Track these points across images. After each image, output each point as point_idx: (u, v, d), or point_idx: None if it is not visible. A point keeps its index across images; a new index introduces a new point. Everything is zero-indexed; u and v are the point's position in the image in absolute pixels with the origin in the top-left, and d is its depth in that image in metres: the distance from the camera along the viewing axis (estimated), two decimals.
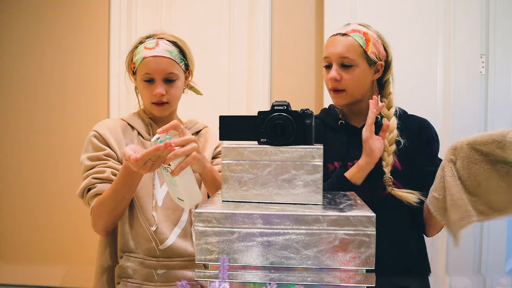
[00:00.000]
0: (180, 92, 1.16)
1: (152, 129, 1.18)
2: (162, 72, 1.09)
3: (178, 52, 1.13)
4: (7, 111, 2.21)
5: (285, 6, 2.03)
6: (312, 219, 0.65)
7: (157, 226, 1.07)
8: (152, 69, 1.08)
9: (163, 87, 1.10)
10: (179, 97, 1.18)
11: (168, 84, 1.11)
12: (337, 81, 1.06)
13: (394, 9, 1.87)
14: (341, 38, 1.06)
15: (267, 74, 2.03)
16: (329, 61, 1.08)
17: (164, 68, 1.09)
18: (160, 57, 1.09)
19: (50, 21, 2.15)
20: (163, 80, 1.10)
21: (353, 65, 1.05)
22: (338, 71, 1.05)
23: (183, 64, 1.14)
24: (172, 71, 1.10)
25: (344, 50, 1.04)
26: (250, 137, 0.77)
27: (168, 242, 1.08)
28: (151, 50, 1.09)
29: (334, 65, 1.06)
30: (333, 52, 1.06)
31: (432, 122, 1.83)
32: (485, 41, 1.91)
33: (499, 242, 1.92)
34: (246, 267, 0.66)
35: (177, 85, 1.13)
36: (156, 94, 1.09)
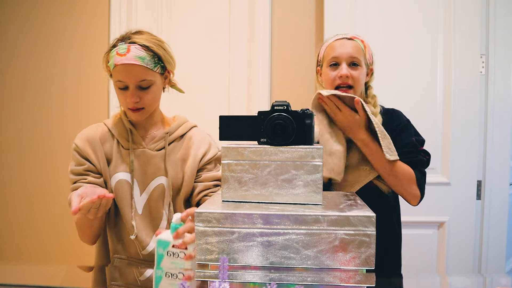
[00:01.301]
0: (156, 95, 1.13)
1: (132, 135, 1.15)
2: (134, 80, 1.06)
3: (151, 57, 1.07)
4: (7, 111, 2.21)
5: (285, 6, 2.03)
6: (312, 219, 0.65)
7: (136, 235, 1.11)
8: (124, 77, 1.06)
9: (137, 94, 1.07)
10: (156, 100, 1.15)
11: (142, 90, 1.08)
12: (347, 78, 1.16)
13: (394, 9, 1.87)
14: (348, 41, 1.19)
15: (267, 74, 2.03)
16: (338, 61, 1.18)
17: (136, 76, 1.05)
18: (131, 65, 1.04)
19: (50, 22, 2.15)
20: (137, 87, 1.07)
21: (359, 65, 1.18)
22: (348, 69, 1.17)
23: (158, 67, 1.10)
24: (144, 78, 1.06)
25: (353, 51, 1.18)
26: (250, 137, 0.77)
27: (148, 248, 1.12)
28: (122, 57, 1.04)
29: (344, 64, 1.17)
30: (344, 52, 1.18)
31: (432, 122, 1.85)
32: (485, 41, 1.91)
33: (499, 242, 1.93)
34: (246, 267, 0.66)
35: (152, 90, 1.10)
36: (130, 102, 1.07)
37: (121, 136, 1.15)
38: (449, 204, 1.86)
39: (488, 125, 1.92)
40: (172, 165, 1.15)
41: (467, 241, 1.86)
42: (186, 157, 1.17)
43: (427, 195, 1.85)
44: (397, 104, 1.85)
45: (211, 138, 1.23)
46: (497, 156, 1.92)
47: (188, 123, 1.23)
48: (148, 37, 1.10)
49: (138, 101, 1.07)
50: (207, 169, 1.18)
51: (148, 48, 1.07)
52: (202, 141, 1.20)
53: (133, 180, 1.13)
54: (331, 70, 1.19)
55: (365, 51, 1.21)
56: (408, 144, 1.18)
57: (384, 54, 1.88)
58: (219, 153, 1.20)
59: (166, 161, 1.14)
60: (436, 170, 1.87)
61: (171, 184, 1.13)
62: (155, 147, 1.15)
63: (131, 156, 1.12)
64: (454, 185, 1.85)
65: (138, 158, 1.13)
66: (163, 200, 1.14)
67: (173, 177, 1.14)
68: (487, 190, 1.91)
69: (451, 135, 1.84)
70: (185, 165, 1.16)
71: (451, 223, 1.86)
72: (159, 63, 1.09)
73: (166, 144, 1.15)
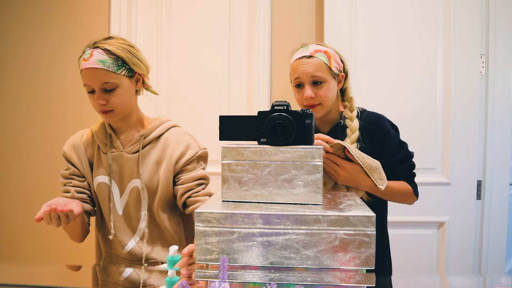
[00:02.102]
0: (125, 98, 1.14)
1: (111, 140, 1.20)
2: (97, 83, 1.09)
3: (114, 60, 1.10)
4: (7, 111, 2.21)
5: (285, 6, 2.03)
6: (312, 219, 0.65)
7: (114, 235, 1.18)
8: (88, 81, 1.10)
9: (103, 97, 1.11)
10: (127, 103, 1.16)
11: (108, 93, 1.11)
12: (312, 99, 1.16)
13: (394, 9, 1.87)
14: (308, 60, 1.16)
15: (267, 74, 2.03)
16: (300, 81, 1.17)
17: (98, 79, 1.09)
18: (92, 68, 1.08)
19: (50, 22, 2.16)
20: (101, 90, 1.10)
21: (323, 81, 1.16)
22: (312, 89, 1.16)
23: (123, 70, 1.12)
24: (107, 80, 1.09)
25: (314, 70, 1.15)
26: (250, 137, 0.77)
27: (127, 248, 1.19)
28: (85, 61, 1.09)
29: (306, 84, 1.16)
30: (304, 72, 1.16)
31: (432, 122, 1.85)
32: (485, 41, 1.91)
33: (499, 242, 1.93)
34: (246, 267, 0.66)
35: (119, 93, 1.12)
36: (97, 105, 1.12)
37: (101, 140, 1.20)
38: (449, 204, 1.86)
39: (488, 125, 1.92)
40: (147, 168, 1.18)
41: (467, 241, 1.86)
42: (161, 159, 1.19)
43: (427, 195, 1.86)
44: (397, 104, 1.86)
45: (190, 137, 1.24)
46: (497, 156, 1.92)
47: (167, 124, 1.24)
48: (114, 42, 1.13)
49: (105, 103, 1.11)
50: (187, 171, 1.20)
51: (110, 52, 1.10)
52: (179, 142, 1.21)
53: (111, 182, 1.18)
54: (297, 91, 1.20)
55: (330, 63, 1.17)
56: (404, 158, 1.21)
57: (384, 54, 1.88)
58: (200, 151, 1.22)
59: (139, 164, 1.17)
60: (436, 170, 1.87)
61: (144, 187, 1.17)
62: (131, 150, 1.19)
63: (109, 160, 1.18)
64: (454, 185, 1.85)
65: (116, 161, 1.19)
66: (140, 203, 1.18)
67: (147, 180, 1.17)
68: (487, 190, 1.91)
69: (451, 135, 1.84)
70: (160, 168, 1.18)
71: (451, 223, 1.86)
72: (124, 66, 1.12)
73: (140, 146, 1.18)
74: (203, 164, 1.24)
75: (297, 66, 1.17)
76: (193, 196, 1.18)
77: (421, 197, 1.86)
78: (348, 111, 1.22)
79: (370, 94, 1.86)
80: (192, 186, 1.19)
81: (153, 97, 2.27)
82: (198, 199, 1.18)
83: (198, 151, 1.21)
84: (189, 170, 1.20)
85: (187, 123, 2.11)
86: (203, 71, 2.10)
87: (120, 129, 1.21)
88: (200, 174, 1.20)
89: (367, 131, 1.20)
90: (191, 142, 1.22)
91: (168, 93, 2.13)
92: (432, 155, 1.87)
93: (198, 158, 1.22)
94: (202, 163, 1.24)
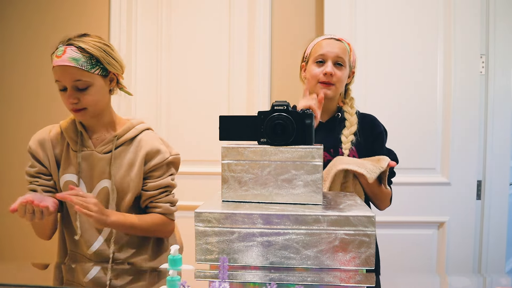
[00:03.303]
0: (98, 97, 1.12)
1: (83, 138, 1.17)
2: (69, 81, 1.08)
3: (87, 58, 1.08)
4: (7, 111, 2.21)
5: (285, 6, 2.03)
6: (312, 219, 0.65)
7: (80, 235, 1.16)
8: (60, 78, 1.08)
9: (74, 95, 1.09)
10: (100, 102, 1.14)
11: (80, 91, 1.09)
12: (331, 76, 1.21)
13: (394, 9, 1.87)
14: (336, 42, 1.24)
15: (267, 74, 2.03)
16: (324, 58, 1.23)
17: (70, 77, 1.07)
18: (64, 66, 1.07)
19: (51, 22, 2.16)
20: (73, 88, 1.09)
21: (343, 65, 1.23)
22: (333, 68, 1.21)
23: (97, 69, 1.10)
24: (79, 78, 1.08)
25: (340, 52, 1.23)
26: (250, 137, 0.77)
27: (92, 249, 1.17)
28: (58, 59, 1.07)
29: (330, 62, 1.22)
30: (331, 51, 1.22)
31: (432, 122, 1.85)
32: (485, 41, 1.91)
33: (499, 242, 1.93)
34: (246, 267, 0.66)
35: (91, 92, 1.10)
36: (68, 103, 1.10)
37: (71, 138, 1.18)
38: (449, 204, 1.86)
39: (488, 125, 1.92)
40: (118, 169, 1.16)
41: (467, 241, 1.86)
42: (133, 161, 1.17)
43: (427, 195, 1.86)
44: (397, 104, 1.86)
45: (162, 142, 1.23)
46: (497, 156, 1.92)
47: (140, 126, 1.22)
48: (89, 40, 1.11)
49: (76, 102, 1.09)
50: (153, 177, 1.19)
51: (84, 50, 1.08)
52: (150, 146, 1.19)
53: (79, 181, 1.16)
54: (317, 66, 1.23)
55: (350, 54, 1.25)
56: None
57: (384, 54, 1.88)
58: (170, 157, 1.21)
59: (111, 164, 1.16)
60: (436, 170, 1.87)
61: (114, 188, 1.15)
62: (103, 149, 1.17)
63: (79, 158, 1.16)
64: (454, 185, 1.85)
65: (86, 160, 1.16)
66: (108, 203, 1.16)
67: (118, 182, 1.16)
68: (487, 190, 1.91)
69: (451, 135, 1.83)
70: (133, 170, 1.17)
71: (451, 223, 1.86)
72: (97, 65, 1.10)
73: (113, 147, 1.16)
74: (172, 171, 1.23)
75: (325, 44, 1.24)
76: (154, 202, 1.20)
77: (421, 197, 1.87)
78: (348, 106, 1.28)
79: (369, 94, 1.86)
80: (154, 194, 1.19)
81: (153, 97, 2.26)
82: (158, 204, 1.19)
83: (168, 157, 1.20)
84: (156, 177, 1.19)
85: (187, 123, 2.11)
86: (203, 71, 2.10)
87: (92, 128, 1.19)
88: (165, 182, 1.19)
89: (362, 130, 1.24)
90: (161, 147, 1.20)
91: (168, 93, 2.13)
92: (432, 155, 1.87)
93: (168, 165, 1.21)
94: (172, 170, 1.23)
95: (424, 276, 1.75)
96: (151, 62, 2.15)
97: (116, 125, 1.22)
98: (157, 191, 1.19)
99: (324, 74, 1.21)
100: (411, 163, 1.83)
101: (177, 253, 0.78)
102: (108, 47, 1.14)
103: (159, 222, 1.20)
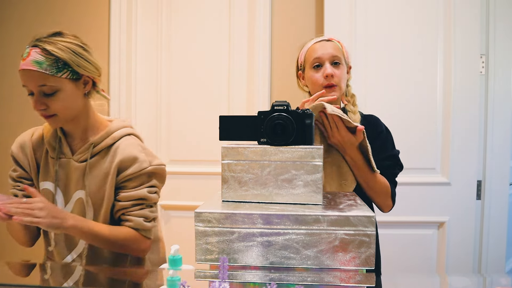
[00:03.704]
0: (68, 102, 1.04)
1: (61, 145, 1.11)
2: (34, 86, 1.00)
3: (53, 61, 0.99)
4: (8, 111, 2.21)
5: (285, 6, 2.03)
6: (312, 219, 0.65)
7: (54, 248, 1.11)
8: (25, 83, 1.01)
9: (41, 101, 1.01)
10: (71, 107, 1.05)
11: (47, 97, 1.01)
12: (332, 77, 1.20)
13: (394, 9, 1.87)
14: (328, 43, 1.24)
15: (267, 74, 2.03)
16: (320, 61, 1.22)
17: (34, 81, 0.99)
18: (28, 70, 0.99)
19: (50, 23, 2.16)
20: (41, 94, 1.01)
21: (340, 63, 1.22)
22: (331, 68, 1.20)
23: (65, 73, 1.01)
24: (43, 83, 0.99)
25: (334, 51, 1.22)
26: (250, 137, 0.77)
27: (66, 261, 1.12)
28: (23, 62, 1.00)
29: (327, 63, 1.21)
30: (325, 52, 1.22)
31: (432, 122, 1.86)
32: (485, 41, 1.91)
33: (499, 242, 1.93)
34: (246, 267, 0.66)
35: (60, 97, 1.02)
36: (36, 109, 1.02)
37: (50, 144, 1.11)
38: (449, 204, 1.86)
39: (488, 125, 1.92)
40: (94, 180, 1.09)
41: (467, 241, 1.86)
42: (109, 171, 1.09)
43: (427, 195, 1.86)
44: (397, 103, 1.86)
45: (142, 150, 1.12)
46: (497, 156, 1.92)
47: (119, 132, 1.13)
48: (58, 41, 1.02)
49: (44, 108, 1.02)
50: (127, 187, 1.09)
51: (49, 52, 0.99)
52: (126, 154, 1.09)
53: (56, 190, 1.10)
54: (315, 71, 1.23)
55: (343, 51, 1.25)
56: (392, 157, 1.21)
57: (384, 54, 1.88)
58: (150, 168, 1.09)
59: (86, 175, 1.08)
60: (436, 170, 1.87)
61: (89, 200, 1.08)
62: (79, 158, 1.09)
63: (56, 166, 1.10)
64: (454, 185, 1.85)
65: (63, 169, 1.10)
66: (85, 215, 1.09)
67: (93, 192, 1.08)
68: (487, 190, 1.91)
69: (451, 135, 1.83)
70: (107, 181, 1.09)
71: (451, 223, 1.86)
72: (65, 68, 1.01)
73: (89, 156, 1.09)
74: (154, 182, 1.11)
75: (317, 47, 1.23)
76: (126, 214, 1.09)
77: (421, 197, 1.87)
78: (350, 105, 1.27)
79: (369, 94, 1.86)
80: (126, 206, 1.09)
81: (153, 97, 2.26)
82: (130, 218, 1.09)
83: (146, 167, 1.09)
84: (130, 187, 1.09)
85: (187, 123, 2.11)
86: (203, 71, 2.10)
87: (72, 134, 1.11)
88: (139, 194, 1.08)
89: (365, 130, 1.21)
90: (139, 155, 1.09)
91: (168, 93, 2.13)
92: (432, 155, 1.87)
93: (149, 175, 1.10)
94: (154, 181, 1.11)
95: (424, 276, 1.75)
96: (151, 62, 2.15)
97: (97, 130, 1.13)
98: (129, 202, 1.08)
99: (325, 76, 1.19)
100: (411, 163, 1.83)
101: (177, 253, 0.78)
102: (80, 47, 1.05)
103: (130, 237, 1.08)
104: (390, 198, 1.20)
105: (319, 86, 1.21)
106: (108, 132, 1.12)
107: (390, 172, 1.20)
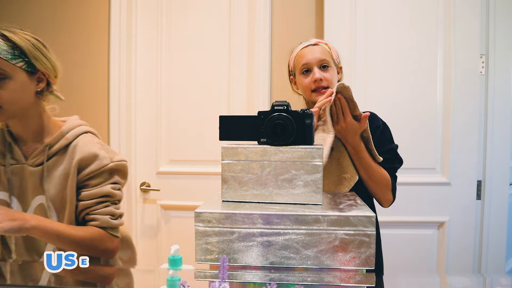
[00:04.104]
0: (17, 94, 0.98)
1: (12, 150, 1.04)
2: None
3: (9, 48, 0.95)
4: None
5: (285, 6, 2.03)
6: (312, 219, 0.65)
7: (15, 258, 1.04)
8: None
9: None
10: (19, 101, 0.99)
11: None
12: (321, 81, 1.21)
13: (394, 9, 1.87)
14: (314, 47, 1.26)
15: (267, 74, 2.03)
16: (309, 67, 1.24)
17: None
18: None
19: (50, 23, 2.16)
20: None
21: (329, 66, 1.24)
22: (320, 72, 1.22)
23: (20, 61, 0.97)
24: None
25: (321, 55, 1.24)
26: (250, 137, 0.77)
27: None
28: None
29: (315, 68, 1.23)
30: (312, 57, 1.23)
31: (432, 122, 1.86)
32: (485, 41, 1.91)
33: (499, 242, 1.93)
34: (246, 267, 0.66)
35: (10, 87, 0.96)
36: None
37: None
38: (449, 204, 1.86)
39: (488, 125, 1.92)
40: (53, 182, 1.03)
41: (467, 241, 1.86)
42: (69, 171, 1.03)
43: (427, 195, 1.86)
44: (397, 104, 1.86)
45: (101, 147, 1.08)
46: (497, 156, 1.92)
47: (75, 130, 1.08)
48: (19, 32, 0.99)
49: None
50: (89, 185, 1.04)
51: (7, 38, 0.96)
52: (85, 152, 1.04)
53: (11, 199, 1.03)
54: (304, 77, 1.25)
55: (331, 53, 1.27)
56: (390, 150, 1.22)
57: (384, 54, 1.88)
58: (111, 164, 1.06)
59: (44, 178, 1.02)
60: (436, 170, 1.87)
61: (50, 204, 1.03)
62: (35, 162, 1.03)
63: (8, 174, 1.03)
64: (454, 185, 1.85)
65: (16, 175, 1.03)
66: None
67: (53, 196, 1.03)
68: (487, 190, 1.91)
69: (451, 135, 1.84)
70: (67, 182, 1.03)
71: (451, 223, 1.86)
72: (21, 57, 0.97)
73: (45, 158, 1.03)
74: (116, 179, 1.08)
75: (305, 53, 1.25)
76: (91, 213, 1.04)
77: (421, 197, 1.87)
78: None
79: (369, 94, 1.86)
80: (89, 204, 1.04)
81: (153, 97, 2.25)
82: (96, 216, 1.04)
83: (107, 163, 1.05)
84: (92, 185, 1.04)
85: (187, 123, 2.11)
86: (203, 71, 2.10)
87: (22, 137, 1.05)
88: (103, 191, 1.04)
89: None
90: (100, 152, 1.05)
91: (168, 93, 2.13)
92: (432, 155, 1.87)
93: (111, 172, 1.06)
94: (116, 178, 1.08)
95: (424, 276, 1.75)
96: (151, 62, 2.15)
97: (51, 131, 1.07)
98: (93, 201, 1.04)
99: (314, 81, 1.22)
100: (411, 163, 1.83)
101: (177, 253, 0.77)
102: (40, 43, 1.02)
103: (97, 236, 1.02)
104: (391, 191, 1.19)
105: (310, 91, 1.24)
106: (63, 132, 1.07)
107: (389, 166, 1.20)
